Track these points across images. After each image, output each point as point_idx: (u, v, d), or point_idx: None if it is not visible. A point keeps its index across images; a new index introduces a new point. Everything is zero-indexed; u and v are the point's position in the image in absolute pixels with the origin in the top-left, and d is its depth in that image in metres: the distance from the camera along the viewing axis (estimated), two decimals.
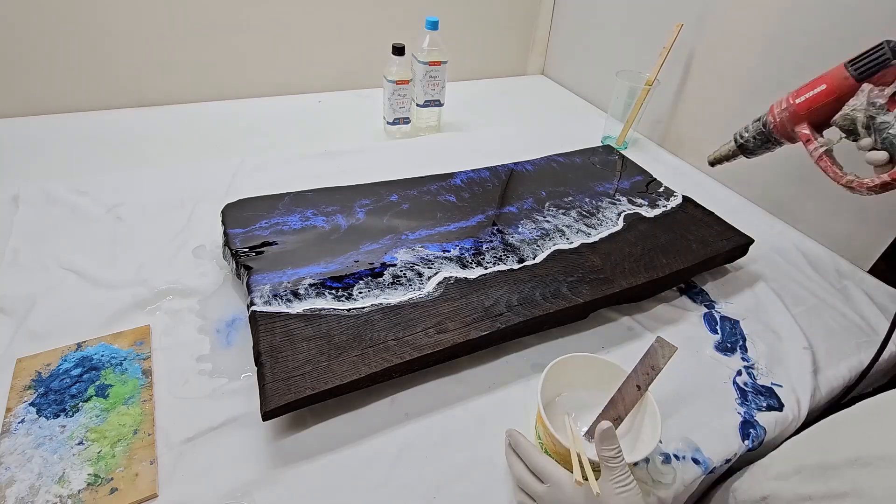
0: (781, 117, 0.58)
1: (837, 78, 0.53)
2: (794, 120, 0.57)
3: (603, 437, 0.39)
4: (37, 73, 0.90)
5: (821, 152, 0.55)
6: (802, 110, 0.56)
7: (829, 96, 0.54)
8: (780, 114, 0.58)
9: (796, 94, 0.57)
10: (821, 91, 0.54)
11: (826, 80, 0.54)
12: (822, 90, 0.54)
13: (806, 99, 0.55)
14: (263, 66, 1.07)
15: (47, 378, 0.49)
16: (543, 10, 1.29)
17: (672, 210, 0.75)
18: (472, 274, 0.60)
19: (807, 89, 0.56)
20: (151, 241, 0.66)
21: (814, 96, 0.55)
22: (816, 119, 0.56)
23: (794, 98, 0.57)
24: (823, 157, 0.55)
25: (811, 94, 0.55)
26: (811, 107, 0.55)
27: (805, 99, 0.56)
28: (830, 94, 0.54)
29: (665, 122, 1.02)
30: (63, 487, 0.41)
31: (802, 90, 0.56)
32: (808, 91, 0.56)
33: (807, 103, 0.55)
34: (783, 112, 0.58)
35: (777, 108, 0.59)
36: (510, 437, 0.46)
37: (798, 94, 0.57)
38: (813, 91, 0.55)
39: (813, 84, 0.56)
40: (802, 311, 0.67)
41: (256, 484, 0.44)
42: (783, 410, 0.54)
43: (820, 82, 0.55)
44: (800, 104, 0.56)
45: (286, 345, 0.49)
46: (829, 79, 0.54)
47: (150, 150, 0.87)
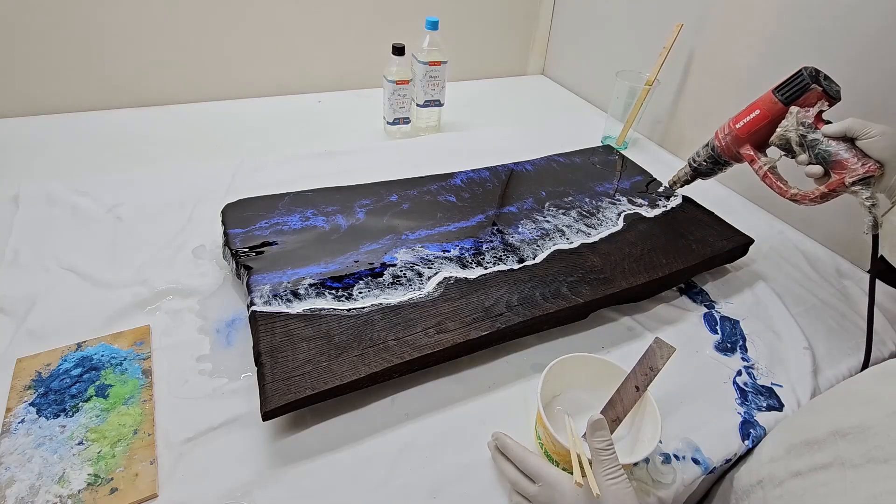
0: (726, 141, 0.62)
1: (768, 103, 0.58)
2: (737, 143, 0.61)
3: (594, 429, 0.40)
4: (37, 73, 0.90)
5: (765, 170, 0.59)
6: (743, 134, 0.61)
7: (763, 120, 0.59)
8: (724, 138, 0.63)
9: (736, 119, 0.62)
10: (756, 116, 0.59)
11: (759, 106, 0.59)
12: (757, 115, 0.59)
13: (745, 123, 0.60)
14: (264, 67, 1.07)
15: (47, 378, 0.49)
16: (543, 10, 1.29)
17: (672, 210, 0.75)
18: (472, 274, 0.60)
19: (744, 115, 0.61)
20: (151, 241, 0.66)
21: (751, 121, 0.60)
22: (756, 141, 0.60)
23: (735, 123, 0.62)
24: (768, 174, 0.59)
25: (748, 119, 0.60)
26: (750, 130, 0.60)
27: (744, 124, 0.60)
28: (764, 118, 0.59)
29: (665, 122, 1.02)
30: (63, 487, 0.41)
31: (741, 115, 0.61)
32: (745, 116, 0.61)
33: (746, 127, 0.60)
34: (727, 137, 0.62)
35: (721, 133, 0.63)
36: (497, 440, 0.45)
37: (737, 119, 0.61)
38: (749, 116, 0.60)
39: (749, 110, 0.60)
40: (802, 311, 0.67)
41: (256, 484, 0.44)
42: (783, 410, 0.54)
43: (754, 108, 0.60)
44: (740, 129, 0.61)
45: (286, 345, 0.49)
46: (762, 104, 0.59)
47: (150, 150, 0.87)
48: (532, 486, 0.41)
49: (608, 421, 0.45)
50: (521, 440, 0.45)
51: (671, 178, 0.72)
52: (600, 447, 0.40)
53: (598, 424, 0.41)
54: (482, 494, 0.45)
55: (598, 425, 0.41)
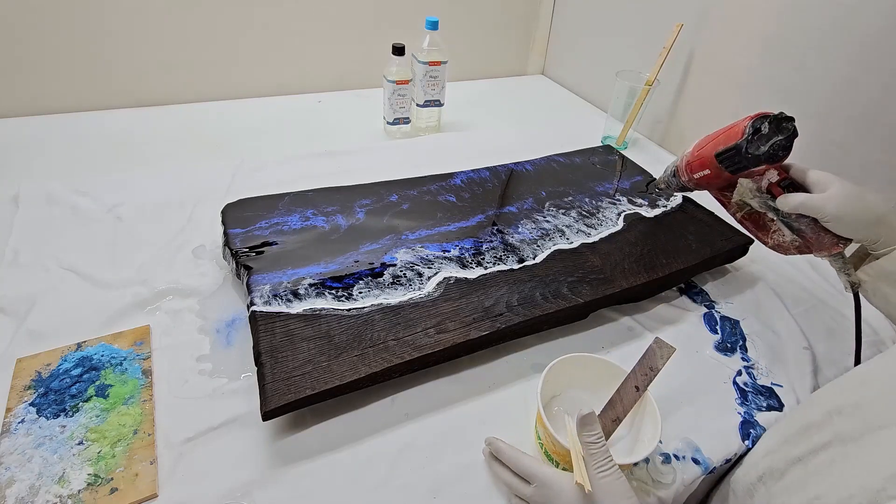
0: (691, 184, 0.57)
1: (714, 166, 0.52)
2: (702, 188, 0.57)
3: (583, 424, 0.40)
4: (37, 73, 0.90)
5: (739, 216, 0.55)
6: (702, 184, 0.56)
7: (715, 180, 0.54)
8: (688, 182, 0.57)
9: (691, 168, 0.55)
10: (707, 175, 0.54)
11: (707, 165, 0.53)
12: (708, 174, 0.54)
13: (700, 177, 0.55)
14: (264, 66, 1.07)
15: (47, 378, 0.49)
16: (543, 10, 1.29)
17: (672, 210, 0.75)
18: (472, 274, 0.60)
19: (697, 167, 0.55)
20: (151, 241, 0.66)
21: (704, 178, 0.54)
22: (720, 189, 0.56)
23: (691, 172, 0.56)
24: (743, 220, 0.55)
25: (701, 175, 0.55)
26: (708, 183, 0.55)
27: (700, 177, 0.55)
28: (716, 178, 0.53)
29: (665, 122, 1.02)
30: (63, 487, 0.41)
31: (694, 166, 0.55)
32: (698, 170, 0.55)
33: (703, 181, 0.55)
34: (689, 182, 0.57)
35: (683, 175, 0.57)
36: (490, 445, 0.45)
37: (692, 169, 0.55)
38: (702, 172, 0.54)
39: (700, 164, 0.54)
40: (802, 311, 0.67)
41: (256, 484, 0.44)
42: (783, 410, 0.54)
43: (703, 165, 0.54)
44: (698, 180, 0.55)
45: (286, 345, 0.49)
46: (710, 164, 0.53)
47: (150, 150, 0.87)
48: (527, 488, 0.41)
49: (608, 421, 0.45)
50: (521, 440, 0.45)
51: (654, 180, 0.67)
52: (590, 440, 0.40)
53: (586, 419, 0.40)
54: (482, 494, 0.45)
55: (587, 420, 0.40)
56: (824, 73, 0.73)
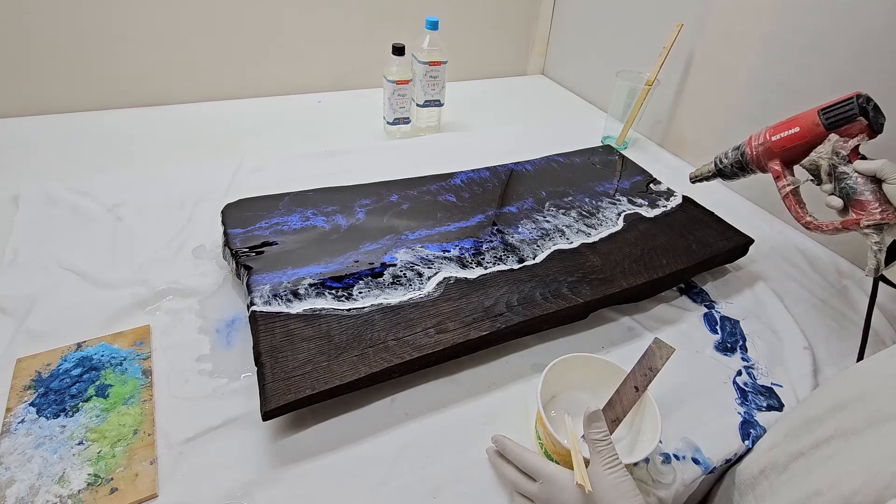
0: (758, 151, 0.61)
1: (810, 123, 0.56)
2: (769, 156, 0.60)
3: (590, 421, 0.41)
4: (37, 73, 0.90)
5: (787, 191, 0.59)
6: (777, 148, 0.59)
7: (800, 139, 0.57)
8: (756, 147, 0.61)
9: (773, 130, 0.60)
10: (794, 133, 0.57)
11: (800, 123, 0.57)
12: (796, 132, 0.57)
13: (781, 138, 0.59)
14: (264, 66, 1.07)
15: (47, 378, 0.49)
16: (543, 10, 1.29)
17: (672, 210, 0.75)
18: (472, 274, 0.60)
19: (783, 128, 0.59)
20: (151, 241, 0.66)
21: (788, 137, 0.58)
22: (788, 157, 0.59)
23: (771, 135, 0.60)
24: (789, 195, 0.59)
25: (786, 135, 0.58)
26: (785, 146, 0.58)
27: (780, 138, 0.59)
28: (802, 137, 0.57)
29: (665, 122, 1.02)
30: (63, 487, 0.41)
31: (779, 128, 0.59)
32: (783, 130, 0.59)
33: (781, 142, 0.59)
34: (759, 146, 0.61)
35: (755, 140, 0.61)
36: (497, 443, 0.46)
37: (775, 131, 0.60)
38: (788, 131, 0.58)
39: (789, 124, 0.58)
40: (802, 311, 0.67)
41: (256, 484, 0.44)
42: (783, 410, 0.54)
43: (794, 124, 0.58)
44: (775, 142, 0.59)
45: (286, 345, 0.49)
46: (803, 122, 0.57)
47: (150, 150, 0.87)
48: (533, 485, 0.42)
49: (608, 421, 0.45)
50: (521, 440, 0.45)
51: (693, 171, 0.71)
52: (597, 438, 0.40)
53: (594, 416, 0.41)
54: (482, 494, 0.45)
55: (594, 417, 0.41)
56: (824, 73, 0.73)
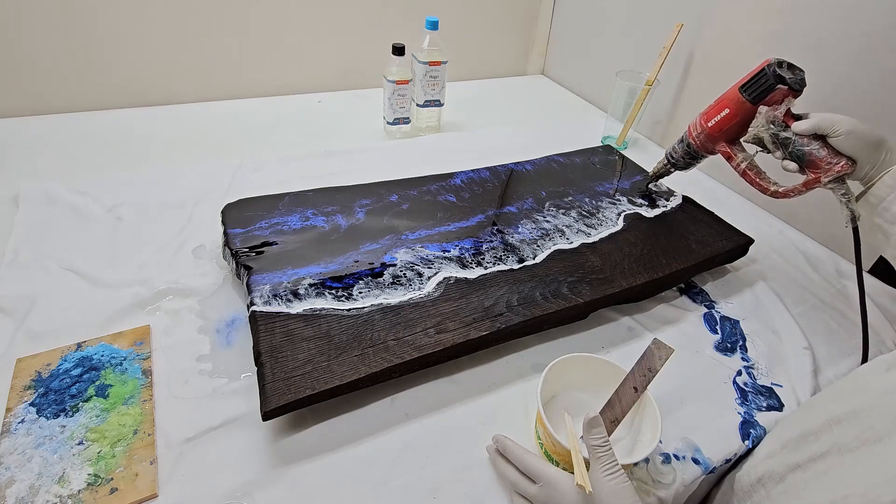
0: (700, 139, 0.63)
1: (736, 101, 0.58)
2: (712, 140, 0.62)
3: (590, 427, 0.41)
4: (37, 73, 0.90)
5: (742, 167, 0.59)
6: (715, 132, 0.61)
7: (734, 118, 0.59)
8: (697, 136, 0.63)
9: (706, 116, 0.61)
10: (726, 115, 0.59)
11: (727, 104, 0.59)
12: (727, 114, 0.59)
13: (716, 122, 0.60)
14: (263, 66, 1.07)
15: (47, 378, 0.49)
16: (543, 10, 1.29)
17: (672, 210, 0.75)
18: (472, 274, 0.60)
19: (714, 113, 0.60)
20: (151, 241, 0.66)
21: (721, 120, 0.60)
22: (729, 137, 0.61)
23: (706, 121, 0.61)
24: (746, 171, 0.59)
25: (719, 118, 0.60)
26: (721, 129, 0.60)
27: (715, 122, 0.60)
28: (734, 116, 0.59)
29: (665, 122, 1.02)
30: (63, 487, 0.41)
31: (711, 113, 0.61)
32: (715, 114, 0.60)
33: (717, 126, 0.60)
34: (700, 135, 0.62)
35: (694, 130, 0.64)
36: (498, 443, 0.46)
37: (708, 116, 0.61)
38: (720, 115, 0.60)
39: (719, 107, 0.60)
40: (802, 311, 0.67)
41: (256, 484, 0.44)
42: (783, 410, 0.54)
43: (723, 105, 0.59)
44: (712, 127, 0.61)
45: (286, 345, 0.49)
46: (730, 102, 0.59)
47: (150, 150, 0.87)
48: (533, 487, 0.42)
49: (607, 422, 0.45)
50: (521, 440, 0.45)
51: (650, 171, 0.74)
52: (597, 444, 0.40)
53: (593, 422, 0.41)
54: (482, 494, 0.45)
55: (594, 423, 0.41)
56: (824, 73, 0.73)
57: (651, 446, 0.42)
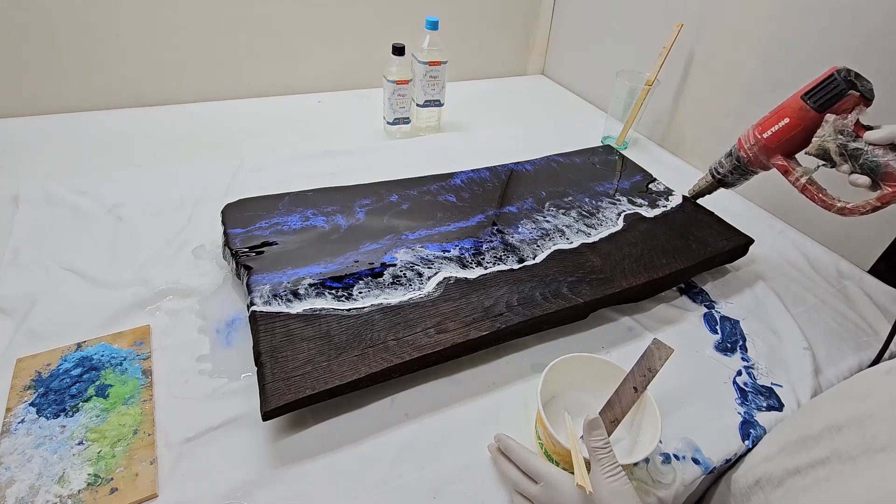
0: (753, 152, 0.59)
1: (798, 110, 0.54)
2: (767, 153, 0.58)
3: (590, 429, 0.41)
4: (37, 73, 0.90)
5: (803, 182, 0.55)
6: (772, 144, 0.56)
7: (794, 129, 0.54)
8: (751, 149, 0.59)
9: (762, 127, 0.57)
10: (786, 125, 0.55)
11: (788, 113, 0.55)
12: (787, 124, 0.55)
13: (773, 133, 0.56)
14: (263, 66, 1.07)
15: (47, 378, 0.49)
16: (543, 10, 1.29)
17: (672, 210, 0.75)
18: (472, 274, 0.60)
19: (771, 123, 0.56)
20: (151, 241, 0.66)
21: (780, 130, 0.55)
22: (788, 149, 0.56)
23: (761, 133, 0.57)
24: (806, 186, 0.55)
25: (777, 129, 0.56)
26: (780, 140, 0.56)
27: (773, 133, 0.56)
28: (795, 126, 0.54)
29: (665, 122, 1.02)
30: (63, 487, 0.41)
31: (767, 124, 0.57)
32: (773, 125, 0.56)
33: (775, 137, 0.56)
34: (754, 147, 0.58)
35: (746, 143, 0.59)
36: (500, 442, 0.46)
37: (763, 128, 0.57)
38: (778, 125, 0.56)
39: (776, 117, 0.56)
40: (802, 311, 0.67)
41: (256, 484, 0.44)
42: (783, 410, 0.54)
43: (783, 115, 0.55)
44: (768, 138, 0.56)
45: (286, 345, 0.49)
46: (791, 111, 0.54)
47: (150, 150, 0.87)
48: (534, 487, 0.42)
49: (606, 422, 0.45)
50: (521, 440, 0.45)
51: (691, 189, 0.69)
52: (597, 446, 0.40)
53: (594, 424, 0.41)
54: (482, 494, 0.45)
55: (594, 424, 0.41)
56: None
57: (651, 446, 0.42)
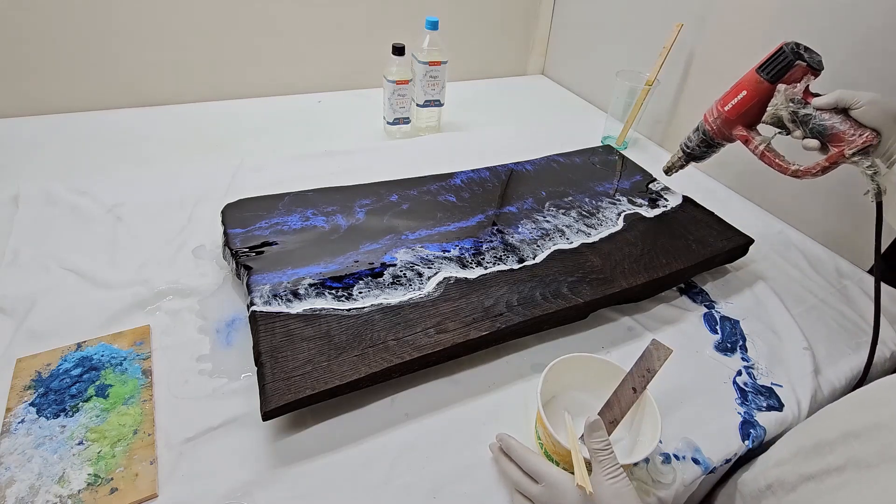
0: (717, 124, 0.62)
1: (754, 82, 0.58)
2: (729, 125, 0.61)
3: (591, 430, 0.41)
4: (37, 73, 0.90)
5: (761, 149, 0.59)
6: (733, 115, 0.60)
7: (751, 100, 0.58)
8: (714, 122, 0.63)
9: (723, 101, 0.61)
10: (743, 97, 0.59)
11: (745, 87, 0.59)
12: (745, 96, 0.59)
13: (733, 105, 0.60)
14: (263, 66, 1.07)
15: (47, 378, 0.49)
16: (543, 10, 1.29)
17: (672, 210, 0.75)
18: (472, 274, 0.60)
19: (731, 96, 0.60)
20: (151, 241, 0.66)
21: (739, 102, 0.59)
22: (747, 121, 0.60)
23: (723, 106, 0.61)
24: (765, 153, 0.59)
25: (736, 101, 0.60)
26: (739, 111, 0.60)
27: (732, 106, 0.60)
28: (752, 98, 0.58)
29: (665, 122, 1.02)
30: (63, 487, 0.41)
31: (728, 97, 0.61)
32: (732, 98, 0.60)
33: (735, 109, 0.60)
34: (717, 120, 0.62)
35: (710, 116, 0.63)
36: (502, 441, 0.46)
37: (725, 101, 0.61)
38: (737, 98, 0.60)
39: (735, 91, 0.60)
40: (802, 311, 0.67)
41: (256, 484, 0.44)
42: (783, 410, 0.54)
43: (740, 88, 0.59)
44: (729, 111, 0.60)
45: (286, 345, 0.49)
46: (747, 85, 0.58)
47: (150, 150, 0.87)
48: (535, 487, 0.41)
49: (606, 422, 0.45)
50: (522, 440, 0.45)
51: (665, 164, 0.72)
52: (598, 447, 0.40)
53: (594, 425, 0.41)
54: (482, 494, 0.45)
55: (595, 426, 0.41)
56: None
57: (651, 446, 0.42)
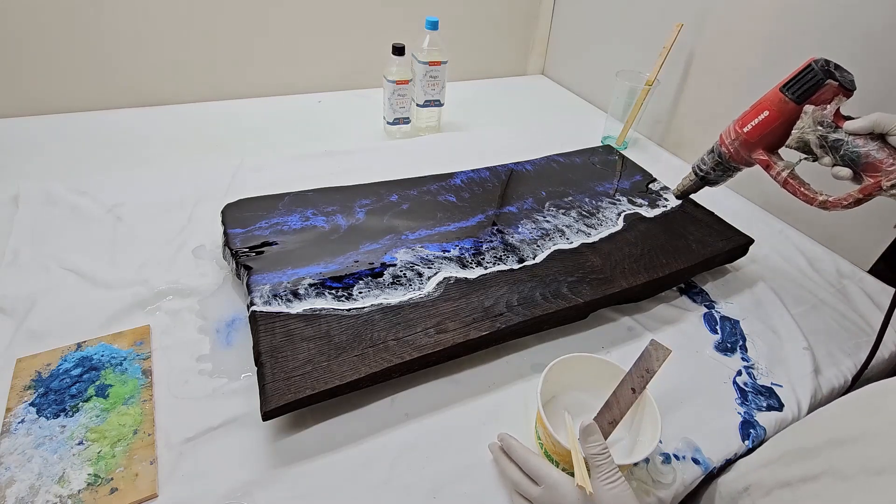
0: (734, 147, 0.57)
1: (778, 103, 0.53)
2: (748, 148, 0.56)
3: (586, 435, 0.40)
4: (37, 73, 0.90)
5: (784, 176, 0.54)
6: (753, 138, 0.55)
7: (774, 122, 0.53)
8: (731, 144, 0.57)
9: (741, 122, 0.56)
10: (766, 118, 0.54)
11: (767, 106, 0.54)
12: (767, 117, 0.54)
13: (753, 127, 0.55)
14: (263, 66, 1.07)
15: (47, 378, 0.49)
16: (543, 10, 1.29)
17: (672, 210, 0.75)
18: (472, 274, 0.60)
19: (751, 117, 0.55)
20: (151, 241, 0.66)
21: (760, 124, 0.54)
22: (769, 143, 0.55)
23: (741, 127, 0.56)
24: (788, 180, 0.53)
25: (757, 122, 0.54)
26: (761, 134, 0.54)
27: (752, 127, 0.55)
28: (775, 119, 0.53)
29: (665, 122, 1.02)
30: (63, 487, 0.41)
31: (747, 118, 0.55)
32: (753, 118, 0.55)
33: (755, 131, 0.55)
34: (735, 142, 0.57)
35: (727, 138, 0.58)
36: (503, 441, 0.45)
37: (743, 122, 0.56)
38: (758, 118, 0.54)
39: (756, 111, 0.55)
40: (802, 311, 0.67)
41: (256, 484, 0.44)
42: (783, 410, 0.54)
43: (762, 108, 0.54)
44: (749, 132, 0.55)
45: (286, 345, 0.49)
46: (770, 104, 0.53)
47: (150, 150, 0.87)
48: (535, 488, 0.41)
49: (605, 423, 0.45)
50: (521, 440, 0.45)
51: (676, 187, 0.68)
52: (595, 452, 0.40)
53: (589, 430, 0.41)
54: (482, 494, 0.45)
55: (590, 430, 0.41)
56: None
57: (651, 446, 0.42)
